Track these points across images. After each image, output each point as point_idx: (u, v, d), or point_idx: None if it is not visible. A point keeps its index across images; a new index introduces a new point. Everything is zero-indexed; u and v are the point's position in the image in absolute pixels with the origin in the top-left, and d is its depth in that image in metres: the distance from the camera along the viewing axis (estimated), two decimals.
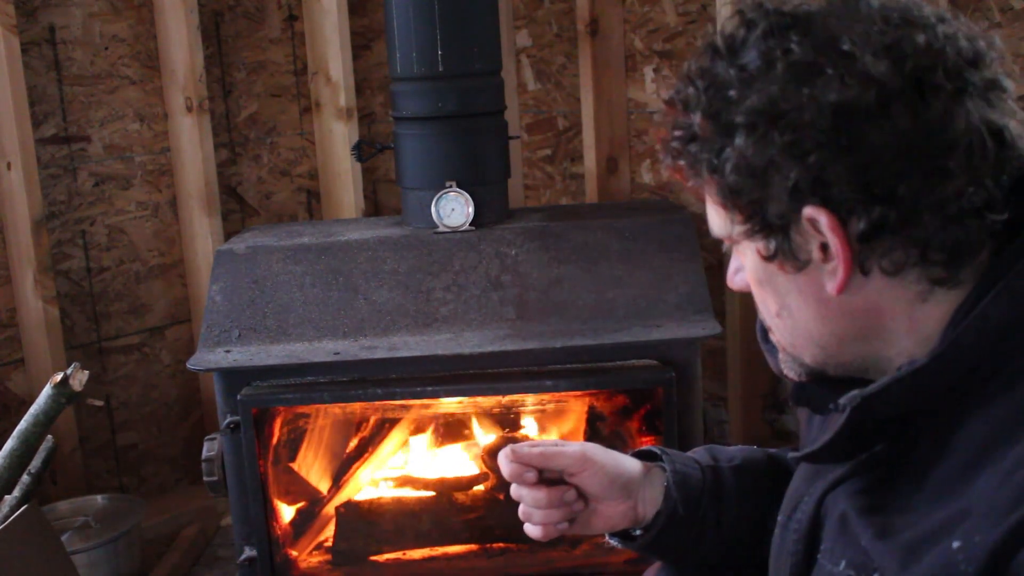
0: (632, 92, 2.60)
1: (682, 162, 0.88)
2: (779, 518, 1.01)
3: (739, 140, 0.81)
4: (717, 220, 0.90)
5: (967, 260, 0.81)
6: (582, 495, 1.08)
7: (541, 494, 1.07)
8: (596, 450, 1.09)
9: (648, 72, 2.57)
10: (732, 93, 0.82)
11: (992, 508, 0.73)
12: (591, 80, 2.56)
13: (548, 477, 1.08)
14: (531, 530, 1.09)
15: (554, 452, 1.08)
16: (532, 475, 1.06)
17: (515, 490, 1.09)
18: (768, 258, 0.85)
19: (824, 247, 0.81)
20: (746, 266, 0.91)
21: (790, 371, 0.95)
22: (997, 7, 2.00)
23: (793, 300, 0.87)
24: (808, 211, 0.80)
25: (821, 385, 0.94)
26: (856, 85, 0.77)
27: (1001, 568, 0.71)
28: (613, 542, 1.13)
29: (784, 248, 0.83)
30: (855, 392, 0.83)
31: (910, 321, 0.84)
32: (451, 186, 2.01)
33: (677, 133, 0.87)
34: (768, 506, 1.07)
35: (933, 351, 0.81)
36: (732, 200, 0.84)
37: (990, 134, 0.79)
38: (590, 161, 2.61)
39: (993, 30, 1.99)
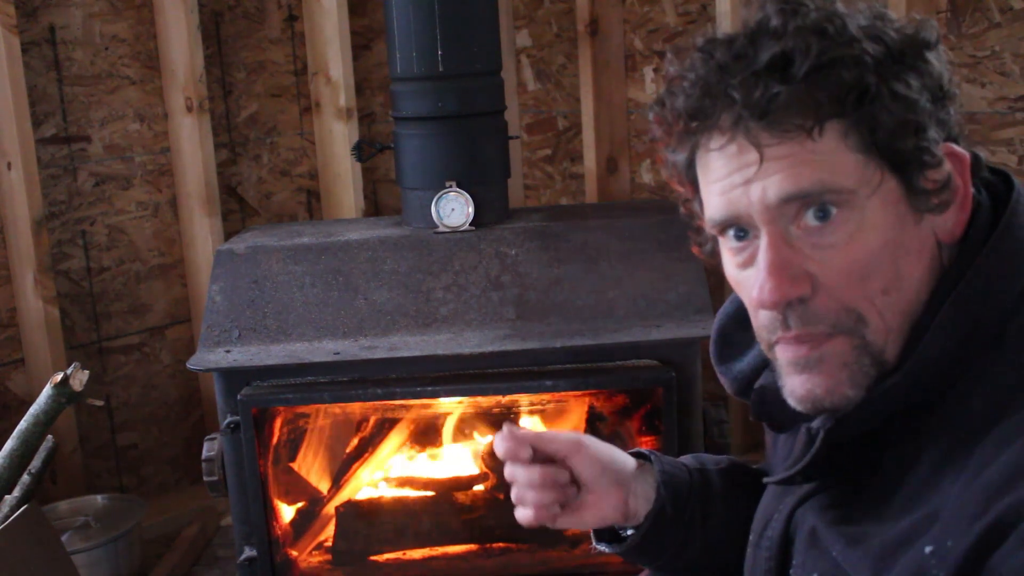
0: (632, 92, 2.60)
1: (819, 95, 0.76)
2: (751, 537, 1.01)
3: (933, 61, 0.80)
4: (828, 172, 0.77)
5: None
6: (575, 482, 1.08)
7: (535, 472, 1.07)
8: (591, 438, 1.10)
9: (648, 72, 2.57)
10: (880, 24, 0.80)
11: (962, 512, 0.73)
12: (591, 80, 2.57)
13: (542, 462, 1.08)
14: (523, 514, 1.09)
15: (550, 434, 1.09)
16: (527, 452, 1.06)
17: (509, 470, 1.09)
18: (911, 202, 0.78)
19: (944, 188, 0.81)
20: (863, 228, 0.78)
21: (855, 387, 0.81)
22: (997, 7, 2.00)
23: (909, 264, 0.79)
24: (946, 148, 0.81)
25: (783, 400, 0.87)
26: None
27: (975, 572, 0.71)
28: (601, 547, 1.13)
29: (926, 189, 0.80)
30: (825, 416, 0.83)
31: (922, 282, 0.83)
32: (451, 186, 2.01)
33: (836, 53, 0.76)
34: (752, 510, 1.08)
35: (900, 368, 0.80)
36: (897, 129, 0.77)
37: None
38: (590, 161, 2.61)
39: (993, 30, 1.99)
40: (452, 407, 2.12)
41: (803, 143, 0.77)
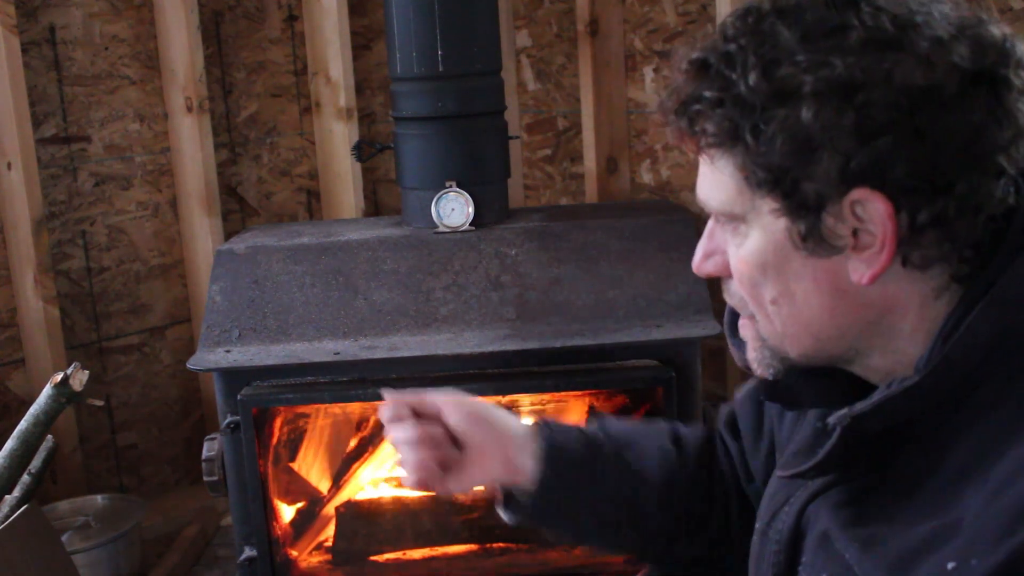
0: (632, 92, 2.60)
1: (707, 125, 0.80)
2: (756, 524, 1.00)
3: (803, 109, 0.75)
4: (723, 194, 0.83)
5: (990, 257, 0.79)
6: (457, 444, 1.10)
7: (411, 429, 1.08)
8: (473, 398, 1.13)
9: (648, 72, 2.57)
10: (800, 58, 0.76)
11: (987, 529, 0.72)
12: (591, 80, 2.57)
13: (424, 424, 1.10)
14: (407, 476, 1.10)
15: (429, 396, 1.11)
16: (406, 411, 1.08)
17: (391, 433, 1.11)
18: (802, 240, 0.80)
19: (856, 233, 0.78)
20: (748, 248, 0.84)
21: (764, 368, 0.90)
22: (997, 7, 2.00)
23: (803, 287, 0.82)
24: (857, 194, 0.76)
25: (795, 380, 0.91)
26: (941, 69, 0.74)
27: None
28: (500, 511, 1.15)
29: (816, 232, 0.79)
30: (844, 411, 0.81)
31: (918, 320, 0.81)
32: (451, 186, 2.01)
33: (709, 93, 0.80)
34: (646, 491, 1.12)
35: (924, 367, 0.79)
36: (770, 172, 0.78)
37: None
38: (590, 161, 2.61)
39: None
40: None
41: (709, 164, 0.84)
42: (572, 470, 1.11)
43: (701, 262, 0.90)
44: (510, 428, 1.12)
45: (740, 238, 0.84)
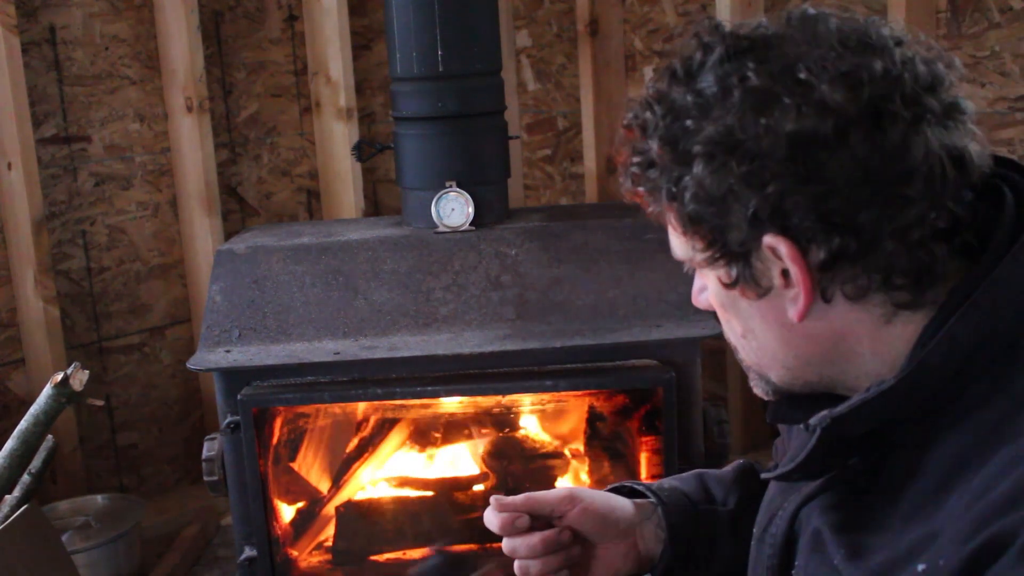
0: (632, 92, 2.60)
1: (640, 188, 0.88)
2: (754, 531, 1.00)
3: (697, 169, 0.81)
4: (678, 245, 0.90)
5: (932, 283, 0.80)
6: (579, 540, 1.06)
7: (535, 540, 1.04)
8: (583, 489, 1.08)
9: (648, 72, 2.57)
10: (689, 122, 0.81)
11: (957, 532, 0.73)
12: (591, 80, 2.57)
13: (539, 526, 1.05)
14: None
15: (540, 495, 1.06)
16: (524, 520, 1.03)
17: (507, 544, 1.05)
18: (729, 285, 0.85)
19: (785, 273, 0.81)
20: (709, 289, 0.91)
21: (758, 389, 0.95)
22: (997, 7, 2.00)
23: (756, 324, 0.88)
24: (768, 239, 0.80)
25: (792, 401, 0.93)
26: (813, 115, 0.77)
27: None
28: None
29: (745, 275, 0.84)
30: (824, 413, 0.83)
31: (875, 343, 0.83)
32: (451, 186, 2.01)
33: (636, 159, 0.87)
34: None
35: (901, 371, 0.80)
36: (692, 227, 0.84)
37: (950, 159, 0.78)
38: (590, 161, 2.61)
39: (993, 30, 1.99)
40: (452, 407, 2.12)
41: (663, 220, 0.90)
42: (695, 550, 1.10)
43: (695, 296, 0.97)
44: (628, 516, 1.09)
45: (704, 280, 0.92)
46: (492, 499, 1.05)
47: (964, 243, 0.81)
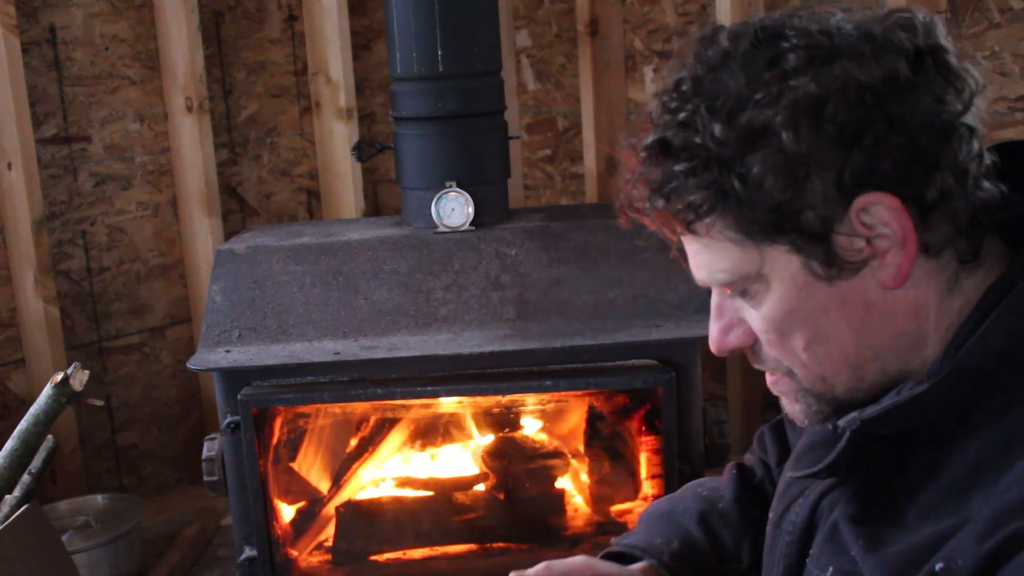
0: (632, 92, 2.60)
1: (690, 197, 0.80)
2: (770, 515, 1.00)
3: (783, 139, 0.75)
4: (728, 261, 0.83)
5: (986, 230, 0.81)
6: None
7: None
8: (597, 561, 1.09)
9: (648, 72, 2.57)
10: (758, 96, 0.76)
11: (976, 531, 0.73)
12: (591, 80, 2.57)
13: None
14: None
15: (558, 565, 1.07)
16: None
17: None
18: (818, 273, 0.80)
19: (871, 241, 0.78)
20: (769, 304, 0.83)
21: (812, 419, 0.89)
22: (997, 7, 2.00)
23: (831, 319, 0.82)
24: (861, 201, 0.76)
25: None
26: (884, 57, 0.76)
27: None
28: None
29: (832, 257, 0.79)
30: (854, 415, 0.83)
31: (939, 318, 0.82)
32: (451, 186, 2.01)
33: (679, 167, 0.80)
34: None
35: (934, 374, 0.80)
36: (771, 215, 0.78)
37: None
38: (590, 161, 2.61)
39: (993, 30, 2.00)
40: (452, 407, 2.12)
41: (697, 238, 0.84)
42: None
43: (721, 339, 0.90)
44: None
45: (756, 298, 0.84)
46: (512, 573, 1.06)
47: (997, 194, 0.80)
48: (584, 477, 2.10)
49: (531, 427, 2.17)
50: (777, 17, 0.82)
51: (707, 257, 0.85)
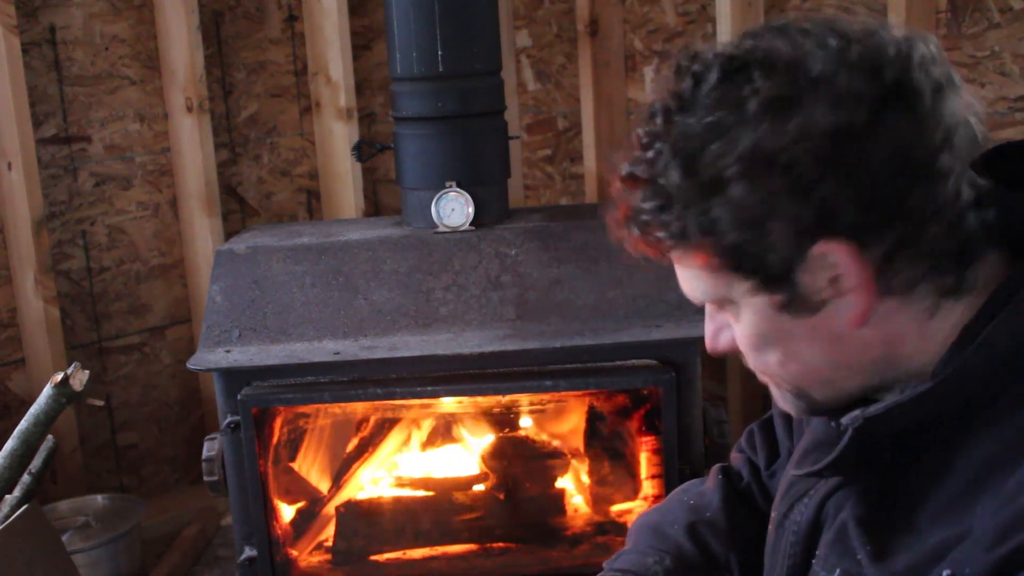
0: (632, 92, 2.60)
1: (659, 233, 0.83)
2: (772, 514, 1.00)
3: (735, 192, 0.77)
4: (702, 285, 0.86)
5: (973, 262, 0.79)
6: None
7: None
8: None
9: (648, 72, 2.57)
10: (715, 146, 0.77)
11: (984, 538, 0.72)
12: (591, 80, 2.57)
13: None
14: None
15: None
16: None
17: None
18: (782, 309, 0.82)
19: (833, 281, 0.79)
20: (742, 324, 0.86)
21: (797, 410, 0.92)
22: (997, 7, 2.00)
23: (803, 345, 0.84)
24: (818, 248, 0.77)
25: None
26: (843, 105, 0.75)
27: None
28: None
29: (795, 295, 0.80)
30: (857, 412, 0.83)
31: (920, 341, 0.82)
32: (451, 186, 2.01)
33: (647, 204, 0.82)
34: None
35: (937, 374, 0.80)
36: (731, 258, 0.80)
37: (965, 124, 0.79)
38: (590, 161, 2.61)
39: (993, 30, 1.99)
40: (452, 407, 2.12)
41: (676, 260, 0.87)
42: None
43: (712, 341, 0.92)
44: None
45: (735, 316, 0.87)
46: None
47: (991, 221, 0.79)
48: (584, 477, 2.10)
49: (531, 427, 2.17)
50: (750, 43, 0.80)
51: (685, 278, 0.89)
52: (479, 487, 2.13)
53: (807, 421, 1.03)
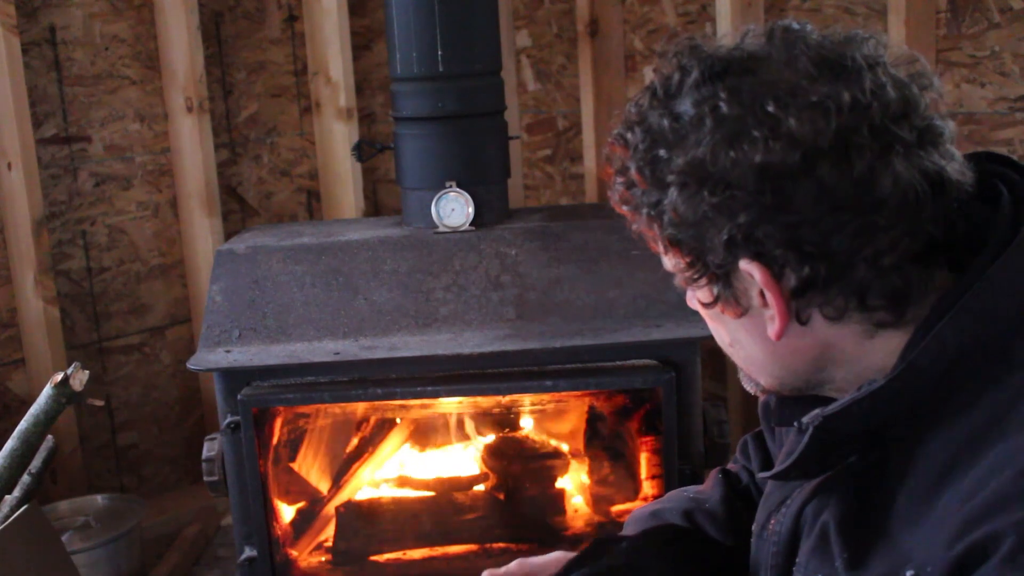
0: (632, 92, 2.60)
1: (625, 207, 0.91)
2: (754, 527, 1.01)
3: (671, 196, 0.83)
4: (664, 257, 0.93)
5: (909, 304, 0.81)
6: None
7: None
8: (570, 554, 1.12)
9: (648, 72, 2.57)
10: (662, 152, 0.83)
11: (943, 538, 0.73)
12: (591, 80, 2.57)
13: None
14: None
15: (535, 563, 1.12)
16: None
17: None
18: (709, 304, 0.88)
19: (763, 293, 0.83)
20: (699, 304, 0.93)
21: (752, 389, 0.98)
22: (996, 7, 2.00)
23: (742, 337, 0.90)
24: (743, 264, 0.82)
25: (784, 402, 0.96)
26: (780, 147, 0.78)
27: None
28: None
29: (726, 294, 0.86)
30: (816, 411, 0.84)
31: (860, 351, 0.85)
32: (451, 186, 2.01)
33: (619, 179, 0.90)
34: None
35: (891, 372, 0.81)
36: (672, 248, 0.87)
37: (929, 183, 0.79)
38: (590, 161, 2.61)
39: (993, 30, 2.00)
40: (452, 407, 2.12)
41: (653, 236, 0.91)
42: None
43: (689, 300, 0.98)
44: None
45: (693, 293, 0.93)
46: (484, 573, 1.11)
47: (951, 256, 0.82)
48: (584, 477, 2.10)
49: (531, 427, 2.17)
50: (742, 53, 0.84)
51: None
52: (479, 487, 2.13)
53: (784, 431, 1.05)
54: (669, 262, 0.91)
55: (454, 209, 2.01)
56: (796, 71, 0.81)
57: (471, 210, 2.01)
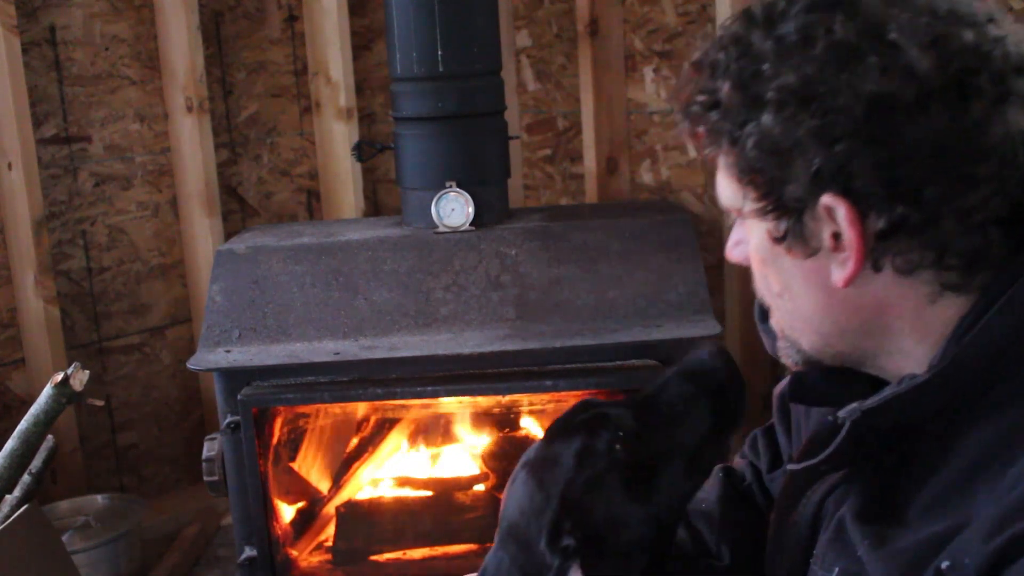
0: (632, 92, 2.60)
1: (700, 128, 0.84)
2: (772, 515, 1.00)
3: (766, 116, 0.78)
4: (728, 192, 0.86)
5: (983, 267, 0.79)
6: None
7: None
8: None
9: (648, 72, 2.57)
10: (766, 66, 0.78)
11: (983, 529, 0.72)
12: (591, 80, 2.57)
13: None
14: None
15: None
16: None
17: None
18: (777, 240, 0.82)
19: (836, 236, 0.79)
20: (751, 242, 0.87)
21: (787, 358, 0.93)
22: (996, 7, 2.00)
23: (797, 284, 0.85)
24: (826, 199, 0.77)
25: (819, 378, 0.92)
26: (897, 77, 0.74)
27: None
28: None
29: (795, 231, 0.81)
30: (855, 405, 0.82)
31: (915, 321, 0.82)
32: (451, 186, 2.01)
33: (700, 98, 0.83)
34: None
35: (935, 365, 0.79)
36: (749, 175, 0.81)
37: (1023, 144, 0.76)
38: (590, 161, 2.61)
39: None
40: (452, 407, 2.12)
41: (716, 163, 0.87)
42: None
43: (730, 249, 0.93)
44: None
45: (746, 232, 0.88)
46: None
47: (1018, 236, 0.79)
48: None
49: (531, 427, 2.17)
50: None
51: (718, 178, 0.88)
52: (479, 487, 2.13)
53: (805, 422, 1.03)
54: (733, 194, 0.85)
55: (454, 209, 2.01)
56: (914, 10, 0.77)
57: (471, 210, 2.01)
